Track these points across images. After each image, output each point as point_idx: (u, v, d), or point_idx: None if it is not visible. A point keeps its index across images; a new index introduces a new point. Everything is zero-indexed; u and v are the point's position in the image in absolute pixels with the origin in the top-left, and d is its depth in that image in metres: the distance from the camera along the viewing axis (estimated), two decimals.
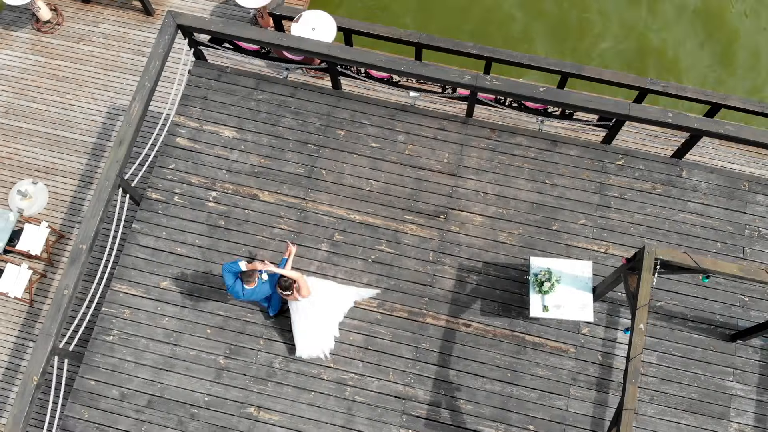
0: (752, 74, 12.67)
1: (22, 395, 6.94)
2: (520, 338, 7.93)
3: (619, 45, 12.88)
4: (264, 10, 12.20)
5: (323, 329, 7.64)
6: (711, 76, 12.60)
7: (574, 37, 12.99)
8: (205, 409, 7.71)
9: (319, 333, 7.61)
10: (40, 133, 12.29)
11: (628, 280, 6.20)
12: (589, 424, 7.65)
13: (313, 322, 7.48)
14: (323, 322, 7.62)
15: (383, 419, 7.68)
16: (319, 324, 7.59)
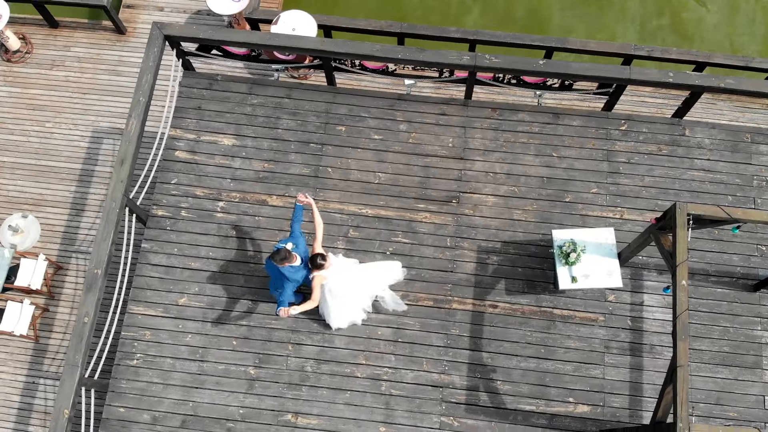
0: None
1: (54, 431, 6.74)
2: (549, 313, 7.94)
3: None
4: (240, 16, 12.04)
5: (354, 303, 7.58)
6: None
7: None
8: (241, 422, 7.57)
9: (350, 306, 7.55)
10: (24, 165, 11.99)
11: (660, 239, 6.23)
12: (627, 389, 7.69)
13: (344, 299, 7.43)
14: (353, 296, 7.56)
15: (422, 409, 7.63)
16: (350, 298, 7.53)
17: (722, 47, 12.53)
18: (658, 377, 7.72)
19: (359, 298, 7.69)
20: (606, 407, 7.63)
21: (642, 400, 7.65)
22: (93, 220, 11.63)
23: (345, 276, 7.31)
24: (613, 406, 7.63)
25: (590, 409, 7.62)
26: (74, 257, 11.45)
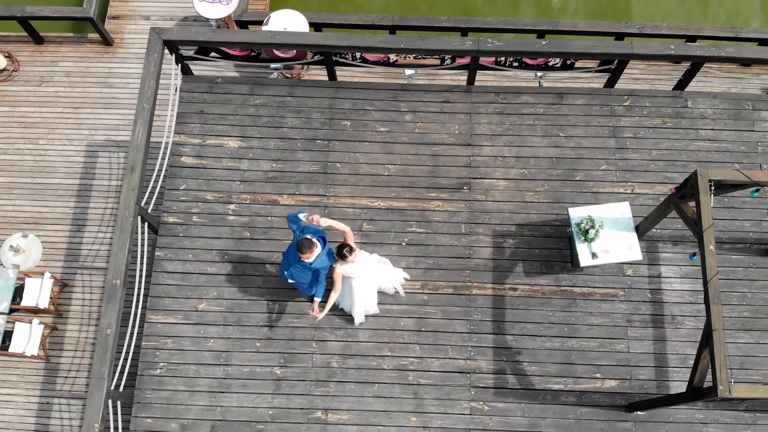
0: None
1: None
2: (569, 292, 8.00)
3: None
4: (229, 20, 11.99)
5: (368, 294, 7.60)
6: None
7: None
8: (271, 423, 7.55)
9: (367, 297, 7.58)
10: (20, 185, 11.85)
11: (682, 208, 6.30)
12: (652, 361, 7.76)
13: (363, 290, 7.45)
14: (369, 287, 7.58)
15: (452, 396, 7.65)
16: (366, 290, 7.55)
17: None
18: (682, 347, 7.80)
19: (372, 292, 7.69)
20: (633, 380, 7.70)
21: (668, 370, 7.73)
22: (95, 235, 11.52)
23: (366, 270, 7.31)
24: (640, 379, 7.70)
25: (618, 383, 7.69)
26: (79, 273, 11.34)
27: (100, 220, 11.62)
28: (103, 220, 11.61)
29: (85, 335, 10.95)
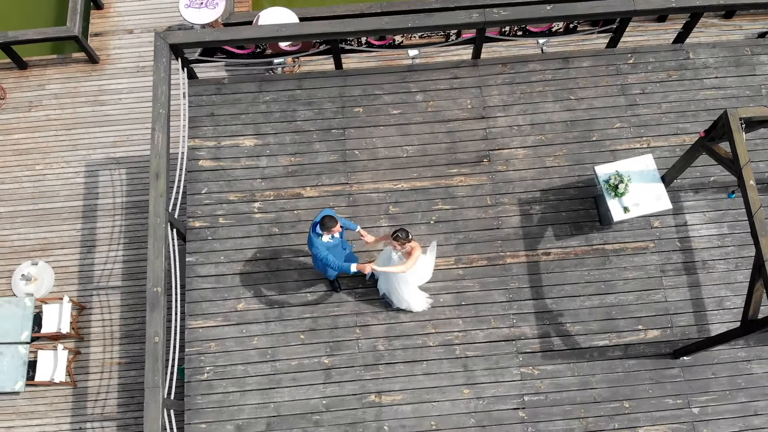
0: None
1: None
2: (601, 250, 8.17)
3: None
4: (216, 24, 11.98)
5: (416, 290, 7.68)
6: None
7: None
8: (326, 412, 7.60)
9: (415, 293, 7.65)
10: (22, 213, 11.73)
11: (713, 149, 6.50)
12: (690, 306, 7.97)
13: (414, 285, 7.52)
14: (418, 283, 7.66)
15: (500, 365, 7.78)
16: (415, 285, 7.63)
17: None
18: (716, 290, 8.03)
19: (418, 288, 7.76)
20: (674, 327, 7.89)
21: (706, 314, 7.94)
22: (106, 254, 11.44)
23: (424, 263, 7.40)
24: (680, 326, 7.90)
25: (660, 332, 7.88)
26: (95, 295, 11.25)
27: (110, 238, 11.54)
28: (113, 238, 11.53)
29: (109, 356, 10.88)
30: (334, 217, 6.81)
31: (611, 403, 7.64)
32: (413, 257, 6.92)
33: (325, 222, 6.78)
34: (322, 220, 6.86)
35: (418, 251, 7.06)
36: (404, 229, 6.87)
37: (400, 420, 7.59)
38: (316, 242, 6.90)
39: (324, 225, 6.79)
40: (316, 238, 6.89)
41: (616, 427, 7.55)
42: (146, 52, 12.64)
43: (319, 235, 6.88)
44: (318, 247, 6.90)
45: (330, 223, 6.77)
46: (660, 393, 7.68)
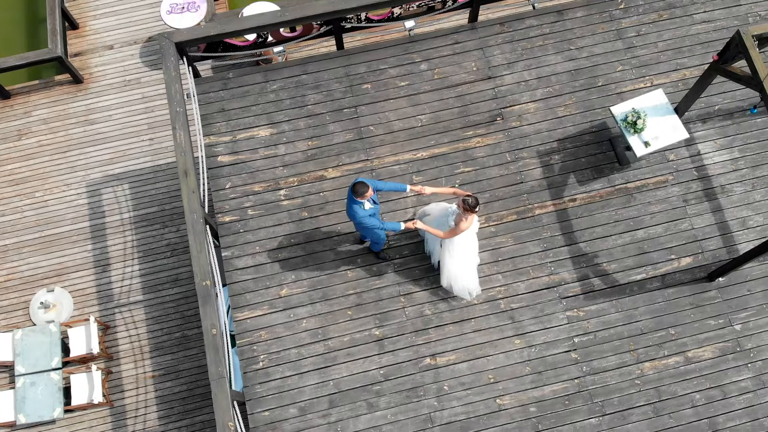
0: None
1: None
2: (623, 189, 8.48)
3: None
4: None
5: (469, 268, 7.84)
6: None
7: None
8: (386, 381, 7.77)
9: (465, 272, 7.81)
10: (29, 242, 11.66)
11: (729, 71, 6.83)
12: (716, 230, 8.33)
13: (460, 261, 7.68)
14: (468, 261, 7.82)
15: (546, 312, 8.03)
16: (465, 263, 7.78)
17: None
18: (738, 211, 8.40)
19: (469, 267, 7.91)
20: (705, 252, 8.24)
21: (732, 235, 8.31)
22: (122, 270, 11.44)
23: (470, 237, 7.58)
24: (710, 249, 8.26)
25: (692, 259, 8.22)
26: (118, 312, 11.26)
27: (123, 255, 11.54)
28: (126, 254, 11.54)
29: (142, 371, 10.89)
30: (364, 182, 6.97)
31: (657, 332, 7.95)
32: (459, 228, 7.10)
33: (357, 189, 6.93)
34: (354, 187, 7.00)
35: (467, 226, 7.21)
36: (477, 199, 7.01)
37: (458, 378, 7.79)
38: (359, 212, 7.06)
39: (357, 192, 6.93)
40: (358, 207, 7.05)
41: (666, 354, 7.86)
42: (130, 66, 12.65)
43: (359, 204, 7.04)
44: (362, 216, 7.06)
45: (362, 189, 6.93)
46: (701, 316, 8.01)
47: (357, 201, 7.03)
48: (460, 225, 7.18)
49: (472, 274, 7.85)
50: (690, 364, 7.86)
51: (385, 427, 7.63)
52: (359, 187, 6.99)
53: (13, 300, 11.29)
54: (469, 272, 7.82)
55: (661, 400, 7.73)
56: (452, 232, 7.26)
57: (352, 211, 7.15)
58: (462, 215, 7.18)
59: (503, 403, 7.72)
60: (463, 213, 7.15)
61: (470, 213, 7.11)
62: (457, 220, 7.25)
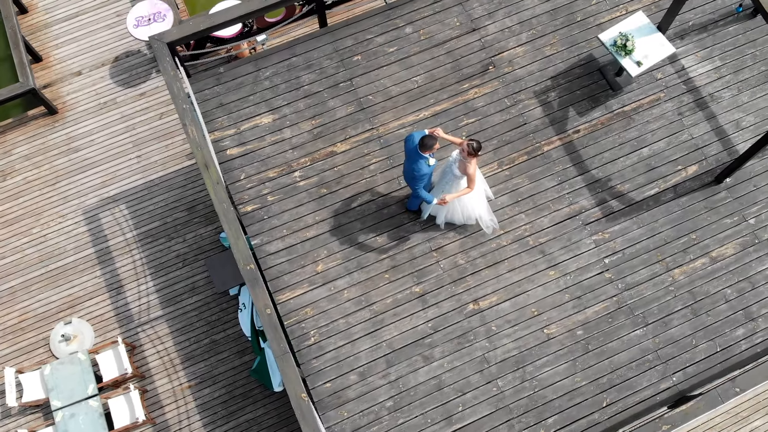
0: None
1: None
2: (621, 113, 8.92)
3: None
4: None
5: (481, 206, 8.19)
6: None
7: None
8: (435, 333, 8.05)
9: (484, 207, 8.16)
10: (35, 279, 11.60)
11: None
12: (714, 136, 8.84)
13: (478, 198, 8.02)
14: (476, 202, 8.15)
15: (573, 240, 8.42)
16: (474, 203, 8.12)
17: None
18: (730, 114, 8.94)
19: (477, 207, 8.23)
20: (708, 158, 8.74)
21: (729, 137, 8.83)
22: (137, 289, 11.48)
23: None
24: (712, 155, 8.76)
25: (698, 166, 8.71)
26: (141, 331, 11.30)
27: (135, 273, 11.58)
28: (138, 272, 11.58)
29: (177, 383, 10.97)
30: (430, 135, 7.21)
31: (680, 239, 8.41)
32: (472, 174, 7.42)
33: (426, 142, 7.14)
34: (422, 140, 7.18)
35: (474, 169, 7.55)
36: (479, 142, 7.34)
37: (503, 317, 8.12)
38: (423, 167, 7.29)
39: (426, 145, 7.16)
40: (424, 163, 7.28)
41: (692, 258, 8.33)
42: (102, 88, 12.65)
43: (425, 159, 7.27)
44: (426, 172, 7.30)
45: (431, 141, 7.17)
46: (717, 217, 8.51)
47: (423, 156, 7.26)
48: (470, 170, 7.50)
49: (487, 208, 8.20)
50: (716, 263, 8.34)
51: (444, 375, 7.91)
52: (428, 140, 7.20)
53: (31, 339, 11.23)
54: (485, 206, 8.17)
55: (696, 301, 8.19)
56: (471, 181, 7.55)
57: (417, 167, 7.32)
58: (466, 162, 7.49)
59: (551, 332, 8.08)
60: (467, 159, 7.46)
61: (473, 157, 7.43)
62: (465, 169, 7.54)
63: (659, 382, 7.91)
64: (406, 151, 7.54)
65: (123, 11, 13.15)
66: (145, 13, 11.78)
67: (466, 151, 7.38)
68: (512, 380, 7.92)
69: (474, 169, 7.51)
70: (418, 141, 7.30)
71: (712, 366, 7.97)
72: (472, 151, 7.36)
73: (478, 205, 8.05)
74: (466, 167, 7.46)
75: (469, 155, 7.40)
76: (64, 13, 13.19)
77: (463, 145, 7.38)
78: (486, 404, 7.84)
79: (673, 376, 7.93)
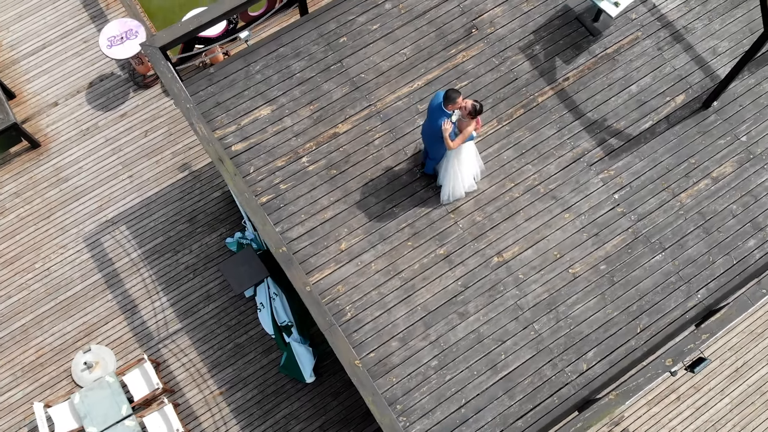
0: None
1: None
2: (605, 56, 9.32)
3: None
4: (142, 56, 12.22)
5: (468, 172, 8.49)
6: None
7: None
8: (466, 289, 8.31)
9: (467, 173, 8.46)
10: (46, 313, 11.54)
11: None
12: (695, 64, 9.29)
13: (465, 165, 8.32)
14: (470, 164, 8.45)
15: (581, 182, 8.77)
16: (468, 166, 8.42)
17: None
18: (705, 43, 9.41)
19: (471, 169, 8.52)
20: (692, 86, 9.18)
21: (709, 64, 9.30)
22: (152, 306, 11.51)
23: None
24: (696, 82, 9.20)
25: (685, 95, 9.14)
26: (163, 347, 11.33)
27: (147, 291, 11.60)
28: (149, 290, 11.61)
29: (208, 391, 11.04)
30: (455, 89, 7.46)
31: (680, 165, 8.82)
32: (466, 132, 7.69)
33: (451, 95, 7.42)
34: (447, 93, 7.46)
35: (471, 129, 7.82)
36: (481, 103, 7.59)
37: (528, 264, 8.42)
38: (442, 120, 7.58)
39: (449, 98, 7.42)
40: (448, 120, 7.57)
41: (695, 181, 8.75)
42: (82, 115, 12.65)
43: (449, 115, 7.55)
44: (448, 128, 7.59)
45: (455, 95, 7.43)
46: (711, 140, 8.94)
47: (447, 112, 7.51)
48: (467, 129, 7.75)
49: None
50: (717, 182, 8.77)
51: (481, 328, 8.16)
52: (452, 92, 7.46)
53: (52, 374, 11.17)
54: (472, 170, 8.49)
55: (706, 220, 8.60)
56: (461, 137, 7.80)
57: (440, 123, 7.61)
58: (464, 122, 7.76)
59: (576, 271, 8.40)
60: (466, 117, 7.72)
61: (472, 118, 7.70)
62: (461, 127, 7.80)
63: (686, 302, 8.28)
64: (429, 110, 7.80)
65: (89, 37, 13.17)
66: (117, 33, 11.83)
67: (467, 110, 7.63)
68: (547, 322, 8.21)
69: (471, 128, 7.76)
70: (441, 98, 7.55)
71: (732, 278, 8.37)
72: (473, 111, 7.62)
73: (469, 172, 8.33)
74: (463, 127, 7.73)
75: (468, 114, 7.66)
76: (29, 48, 13.15)
77: (467, 104, 7.62)
78: (526, 348, 8.11)
79: (698, 293, 8.32)
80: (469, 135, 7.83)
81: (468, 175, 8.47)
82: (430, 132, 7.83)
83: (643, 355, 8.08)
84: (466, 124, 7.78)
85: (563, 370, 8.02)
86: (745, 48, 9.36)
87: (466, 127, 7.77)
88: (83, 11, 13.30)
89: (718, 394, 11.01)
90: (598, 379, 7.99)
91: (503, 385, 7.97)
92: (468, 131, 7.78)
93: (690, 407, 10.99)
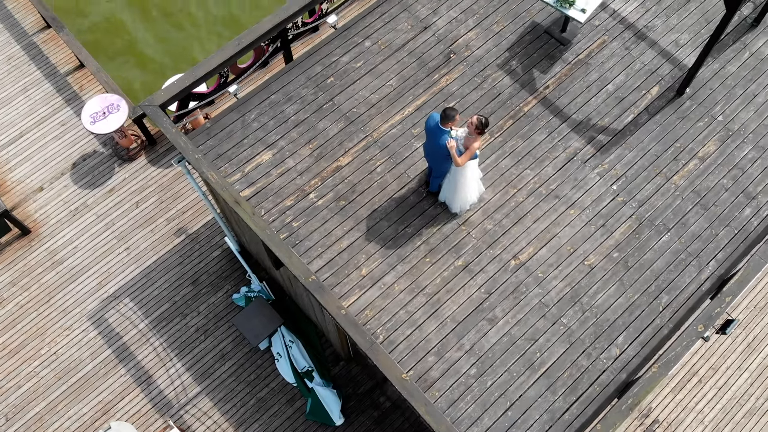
0: None
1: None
2: (578, 62, 9.93)
3: None
4: (125, 129, 12.47)
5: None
6: None
7: None
8: (491, 296, 8.54)
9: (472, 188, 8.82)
10: (59, 398, 11.37)
11: None
12: (663, 56, 9.96)
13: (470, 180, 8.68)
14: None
15: (579, 178, 9.21)
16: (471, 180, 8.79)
17: None
18: (667, 37, 10.11)
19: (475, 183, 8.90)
20: (665, 76, 9.83)
21: (675, 55, 9.97)
22: (167, 373, 11.43)
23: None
24: (667, 73, 9.86)
25: (658, 86, 9.77)
26: (184, 413, 11.21)
27: (160, 360, 11.54)
28: (162, 358, 11.54)
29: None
30: (452, 107, 7.82)
31: (667, 150, 9.36)
32: (473, 148, 8.02)
33: (447, 112, 7.75)
34: (444, 112, 7.79)
35: (478, 145, 8.20)
36: (487, 118, 7.99)
37: (544, 263, 8.73)
38: (444, 139, 7.90)
39: (447, 116, 7.77)
40: (447, 136, 7.90)
41: (684, 163, 9.28)
42: (69, 196, 12.73)
43: (448, 132, 7.86)
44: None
45: (452, 112, 7.77)
46: (690, 123, 9.53)
47: (444, 130, 7.85)
48: (473, 145, 8.13)
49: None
50: (705, 161, 9.31)
51: (512, 330, 8.38)
52: (449, 110, 7.79)
53: None
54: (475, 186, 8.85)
55: (702, 197, 9.09)
56: (469, 153, 8.15)
57: (441, 142, 7.93)
58: (471, 138, 8.17)
59: (591, 262, 8.74)
60: (473, 134, 8.14)
61: (480, 134, 8.09)
62: (469, 145, 8.21)
63: (699, 275, 8.67)
64: (427, 131, 8.16)
65: (66, 120, 13.36)
66: (98, 108, 12.05)
67: (474, 125, 8.02)
68: (573, 315, 8.47)
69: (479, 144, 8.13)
70: (438, 116, 7.92)
71: (737, 247, 8.82)
72: (480, 126, 8.01)
73: (475, 183, 8.70)
74: (471, 143, 8.11)
75: (476, 129, 8.04)
76: (6, 138, 13.27)
77: (473, 120, 8.01)
78: (559, 343, 8.34)
79: (708, 266, 8.72)
80: (475, 151, 8.17)
81: (474, 187, 8.78)
82: (432, 151, 8.19)
83: (670, 332, 8.38)
84: (473, 140, 8.12)
85: (598, 358, 8.25)
86: (704, 37, 10.09)
87: (472, 144, 8.11)
88: (57, 96, 13.51)
89: (736, 371, 11.34)
90: (632, 361, 8.24)
91: (544, 382, 8.15)
92: (475, 147, 8.12)
93: (713, 388, 11.28)
